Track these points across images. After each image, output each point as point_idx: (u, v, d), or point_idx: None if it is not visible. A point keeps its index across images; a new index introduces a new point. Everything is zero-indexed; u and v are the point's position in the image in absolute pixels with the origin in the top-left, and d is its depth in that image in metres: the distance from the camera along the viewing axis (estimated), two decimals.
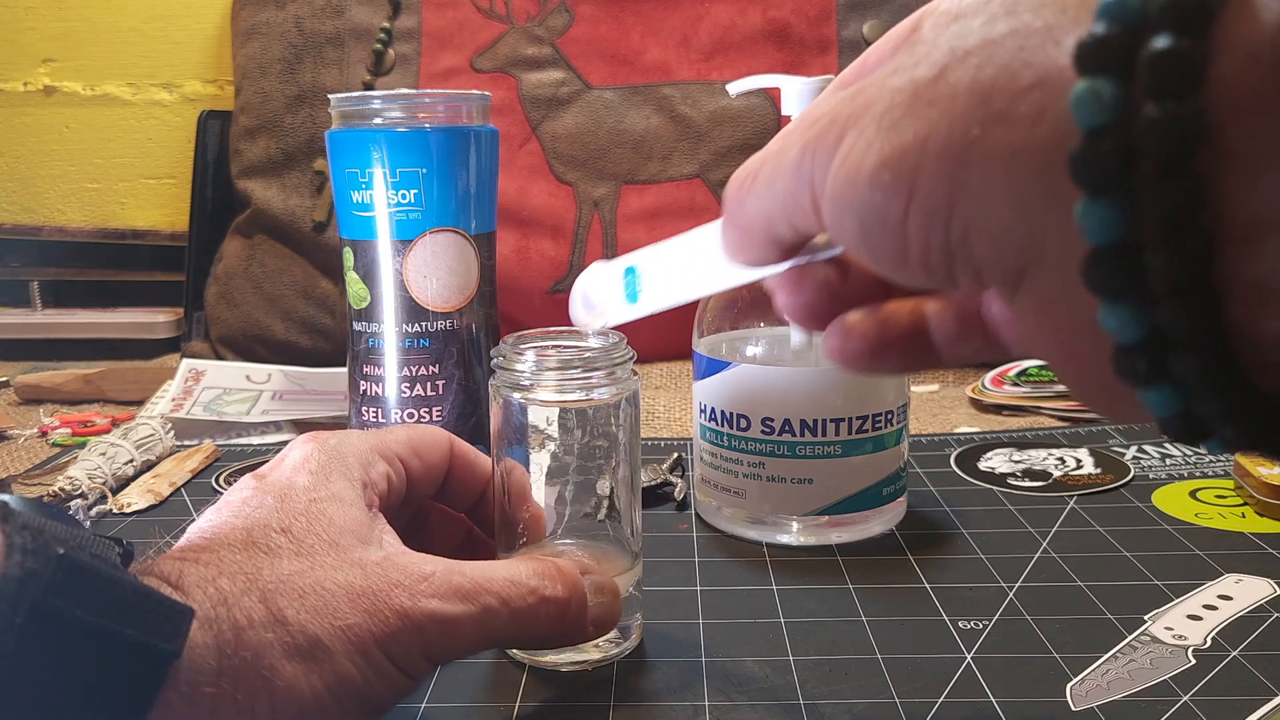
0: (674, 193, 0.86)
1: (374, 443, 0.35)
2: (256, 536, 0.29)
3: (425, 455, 0.36)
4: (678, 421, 0.70)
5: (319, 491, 0.31)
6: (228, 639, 0.26)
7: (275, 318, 0.88)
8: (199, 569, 0.27)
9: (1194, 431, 0.18)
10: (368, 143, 0.50)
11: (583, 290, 0.33)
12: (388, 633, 0.28)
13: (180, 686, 0.25)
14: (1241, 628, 0.38)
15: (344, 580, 0.29)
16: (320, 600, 0.28)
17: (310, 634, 0.27)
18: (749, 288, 0.49)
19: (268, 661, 0.26)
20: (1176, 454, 0.59)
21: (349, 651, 0.28)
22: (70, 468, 0.54)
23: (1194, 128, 0.16)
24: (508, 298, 0.81)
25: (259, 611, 0.27)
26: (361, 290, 0.52)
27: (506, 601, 0.31)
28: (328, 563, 0.29)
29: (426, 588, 0.30)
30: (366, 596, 0.29)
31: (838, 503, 0.46)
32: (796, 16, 0.88)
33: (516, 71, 0.88)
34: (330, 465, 0.33)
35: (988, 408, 0.72)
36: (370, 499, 0.33)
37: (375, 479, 0.34)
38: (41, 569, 0.22)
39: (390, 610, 0.29)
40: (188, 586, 0.27)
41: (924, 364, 0.25)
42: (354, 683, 0.28)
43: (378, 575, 0.29)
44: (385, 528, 0.32)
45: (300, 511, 0.31)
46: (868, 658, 0.37)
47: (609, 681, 0.35)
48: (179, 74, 1.07)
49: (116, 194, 1.09)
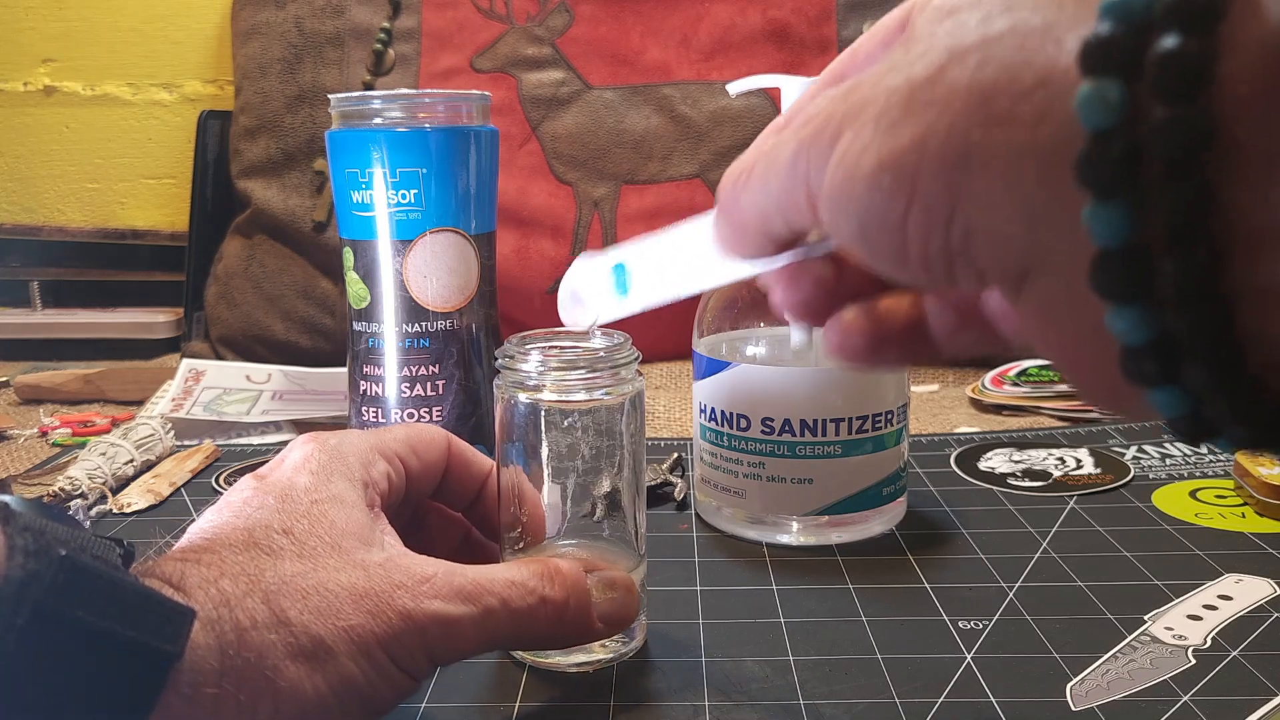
0: (674, 193, 0.86)
1: (374, 442, 0.35)
2: (258, 537, 0.29)
3: (424, 454, 0.36)
4: (678, 421, 0.70)
5: (320, 492, 0.31)
6: (230, 640, 0.26)
7: (275, 318, 0.88)
8: (201, 570, 0.27)
9: (1202, 431, 0.18)
10: (368, 143, 0.50)
11: (571, 286, 0.32)
12: (390, 633, 0.28)
13: (182, 688, 0.25)
14: (1241, 628, 0.38)
15: (347, 582, 0.29)
16: (323, 601, 0.28)
17: (313, 635, 0.27)
18: (748, 287, 0.49)
19: (270, 662, 0.26)
20: (1176, 454, 0.59)
21: (352, 652, 0.28)
22: (70, 468, 0.54)
23: (1202, 130, 0.16)
24: (508, 298, 0.81)
25: (261, 612, 0.27)
26: (361, 290, 0.52)
27: (507, 602, 0.31)
28: (330, 564, 0.29)
29: (429, 589, 0.30)
30: (369, 598, 0.29)
31: (838, 503, 0.46)
32: (796, 16, 0.88)
33: (516, 71, 0.88)
34: (331, 465, 0.33)
35: (988, 408, 0.72)
36: (371, 499, 0.33)
37: (376, 478, 0.34)
38: (43, 570, 0.22)
39: (393, 611, 0.29)
40: (189, 587, 0.27)
41: (924, 357, 0.25)
42: (357, 683, 0.28)
43: (380, 576, 0.29)
44: (387, 529, 0.32)
45: (302, 513, 0.31)
46: (868, 658, 0.37)
47: (609, 682, 0.35)
48: (179, 74, 1.07)
49: (116, 194, 1.09)
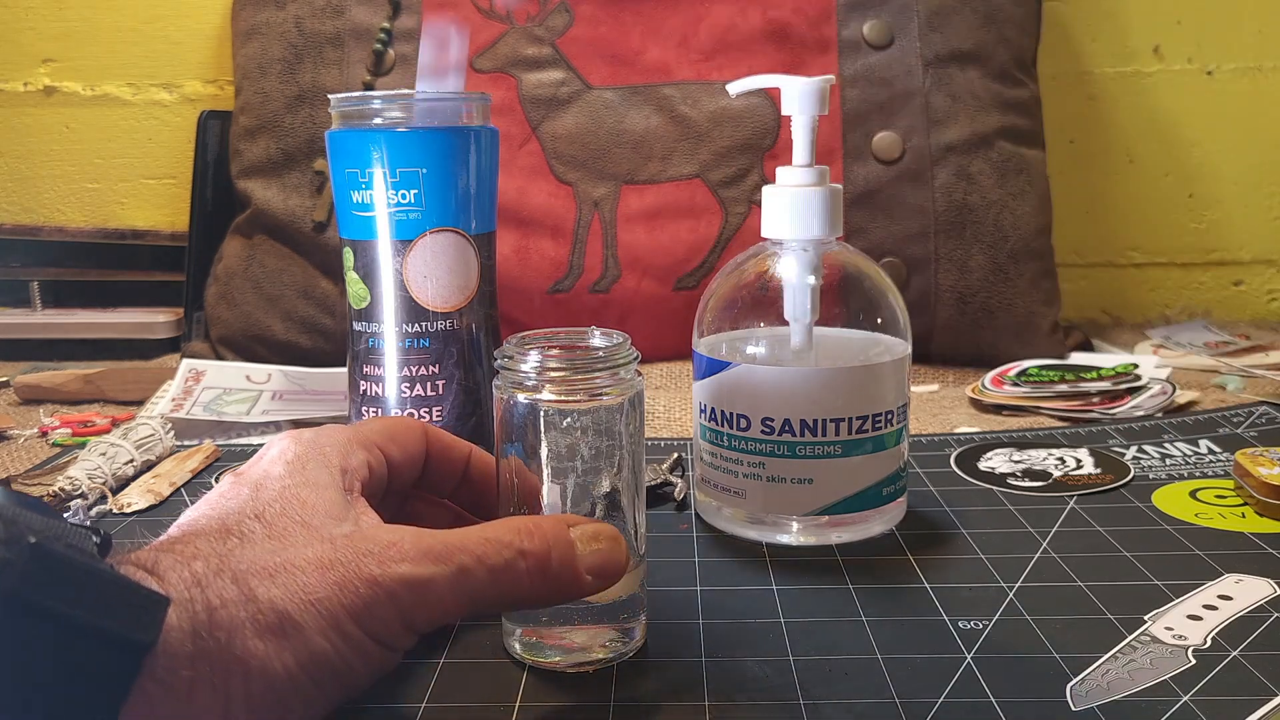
0: (674, 193, 0.86)
1: (351, 434, 0.35)
2: (230, 524, 0.29)
3: (404, 442, 0.36)
4: (678, 421, 0.70)
5: (293, 479, 0.31)
6: (202, 620, 0.26)
7: (275, 318, 0.88)
8: (174, 556, 0.27)
9: None
10: (368, 143, 0.50)
11: None
12: (359, 603, 0.28)
13: (157, 672, 0.25)
14: (1241, 628, 0.38)
15: (313, 555, 0.28)
16: (289, 577, 0.28)
17: (280, 610, 0.27)
18: (748, 287, 0.49)
19: (240, 641, 0.26)
20: (1176, 454, 0.59)
21: (320, 626, 0.27)
22: (70, 468, 0.54)
23: None
24: (508, 298, 0.81)
25: (230, 591, 0.27)
26: (361, 290, 0.52)
27: (482, 560, 0.30)
28: (298, 541, 0.29)
29: (396, 553, 0.29)
30: (335, 568, 0.28)
31: (838, 503, 0.46)
32: (796, 16, 0.88)
33: (516, 71, 0.88)
34: (306, 456, 0.33)
35: (988, 408, 0.72)
36: (350, 484, 0.32)
37: (355, 466, 0.33)
38: (15, 559, 0.22)
39: (360, 580, 0.28)
40: (163, 570, 0.27)
41: None
42: (327, 658, 0.27)
43: (346, 547, 0.29)
44: (365, 508, 0.32)
45: (274, 498, 0.30)
46: (868, 658, 0.37)
47: (609, 682, 0.35)
48: (179, 74, 1.07)
49: (116, 194, 1.09)
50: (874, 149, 0.85)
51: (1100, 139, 1.07)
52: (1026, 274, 0.86)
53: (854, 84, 0.86)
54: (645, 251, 0.86)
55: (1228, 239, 1.08)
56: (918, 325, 0.82)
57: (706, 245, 0.86)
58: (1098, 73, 1.06)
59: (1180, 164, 1.07)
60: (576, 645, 0.36)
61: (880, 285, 0.49)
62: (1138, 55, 1.05)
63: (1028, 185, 0.87)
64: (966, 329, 0.85)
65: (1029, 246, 0.86)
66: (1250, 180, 1.07)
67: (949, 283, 0.85)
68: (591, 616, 0.36)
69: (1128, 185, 1.07)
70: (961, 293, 0.85)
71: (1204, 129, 1.06)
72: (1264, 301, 1.10)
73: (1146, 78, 1.06)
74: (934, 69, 0.87)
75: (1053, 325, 0.87)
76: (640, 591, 0.37)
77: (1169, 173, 1.07)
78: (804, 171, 0.47)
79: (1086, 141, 1.07)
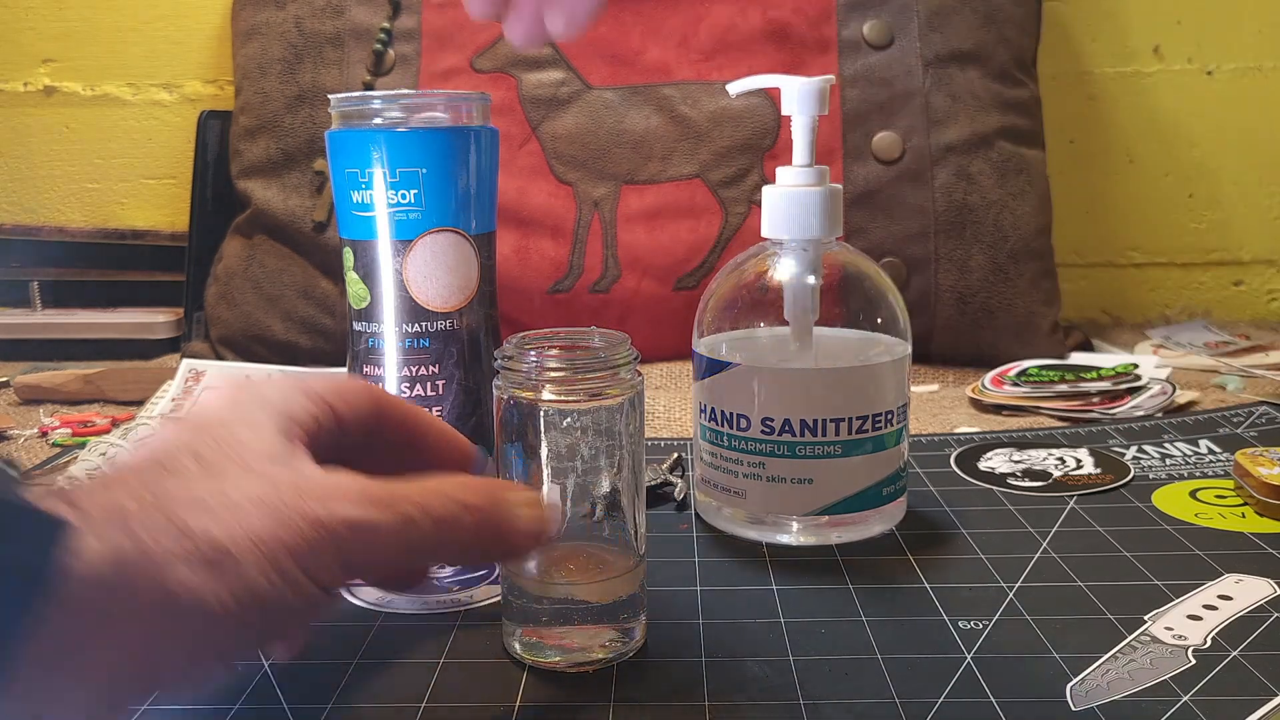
0: (674, 193, 0.86)
1: (296, 383, 0.34)
2: (164, 461, 0.28)
3: (348, 397, 0.35)
4: (678, 421, 0.70)
5: (232, 417, 0.31)
6: (127, 550, 0.25)
7: (275, 318, 0.88)
8: (97, 486, 0.27)
9: None
10: (367, 143, 0.50)
11: None
12: (300, 541, 0.27)
13: (70, 602, 0.24)
14: (1241, 628, 0.38)
15: (252, 492, 0.28)
16: (227, 513, 0.27)
17: (216, 543, 0.26)
18: (748, 287, 0.49)
19: (170, 572, 0.25)
20: (1176, 454, 0.59)
21: (258, 561, 0.27)
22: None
23: None
24: (508, 298, 0.81)
25: (160, 522, 0.26)
26: (361, 290, 0.52)
27: (427, 510, 0.30)
28: (237, 478, 0.28)
29: (340, 495, 0.29)
30: (276, 507, 0.27)
31: (838, 503, 0.46)
32: (796, 16, 0.88)
33: (516, 71, 0.88)
34: (246, 398, 0.32)
35: (988, 408, 0.72)
36: (292, 430, 0.31)
37: (297, 413, 0.32)
38: None
39: (302, 518, 0.28)
40: (78, 499, 0.26)
41: None
42: (262, 593, 0.27)
43: (288, 487, 0.28)
44: (305, 456, 0.31)
45: (211, 438, 0.29)
46: (868, 658, 0.37)
47: (609, 682, 0.35)
48: (179, 74, 1.07)
49: (116, 194, 1.09)
50: (874, 149, 0.85)
51: (1100, 139, 1.07)
52: (1026, 274, 0.86)
53: (854, 84, 0.87)
54: (645, 251, 0.86)
55: (1228, 239, 1.08)
56: (918, 325, 0.82)
57: (706, 245, 0.86)
58: (1098, 73, 1.06)
59: (1180, 164, 1.07)
60: (576, 645, 0.36)
61: (880, 285, 0.49)
62: (1138, 55, 1.06)
63: (1028, 185, 0.87)
64: (966, 329, 0.85)
65: (1029, 246, 0.86)
66: (1250, 180, 1.07)
67: (949, 283, 0.85)
68: (591, 616, 0.36)
69: (1128, 185, 1.08)
70: (961, 293, 0.85)
71: (1204, 129, 1.06)
72: (1264, 301, 1.10)
73: (1146, 78, 1.06)
74: (934, 69, 0.87)
75: (1053, 325, 0.87)
76: (640, 591, 0.37)
77: (1169, 173, 1.07)
78: (804, 171, 0.47)
79: (1086, 141, 1.07)
